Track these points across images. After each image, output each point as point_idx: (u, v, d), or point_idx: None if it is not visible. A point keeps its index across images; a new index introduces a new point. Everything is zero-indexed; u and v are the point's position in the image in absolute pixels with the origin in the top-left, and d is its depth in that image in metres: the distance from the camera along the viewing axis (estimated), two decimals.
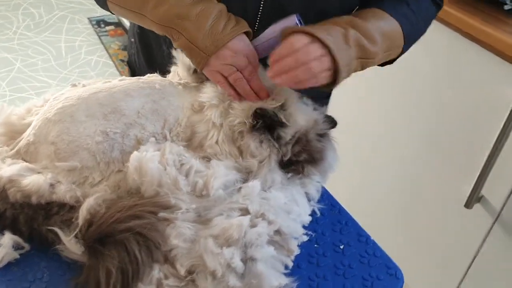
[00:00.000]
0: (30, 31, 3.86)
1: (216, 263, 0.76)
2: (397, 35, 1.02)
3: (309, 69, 0.87)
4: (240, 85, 0.95)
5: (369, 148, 2.14)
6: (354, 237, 0.96)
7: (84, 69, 3.47)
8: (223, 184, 0.87)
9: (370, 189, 2.20)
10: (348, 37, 0.91)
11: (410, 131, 1.87)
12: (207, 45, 0.91)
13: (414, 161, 1.89)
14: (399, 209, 2.04)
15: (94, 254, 0.79)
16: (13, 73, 3.37)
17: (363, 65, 0.96)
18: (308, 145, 0.95)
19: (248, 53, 0.95)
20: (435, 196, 1.83)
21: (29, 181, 0.86)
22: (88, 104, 0.92)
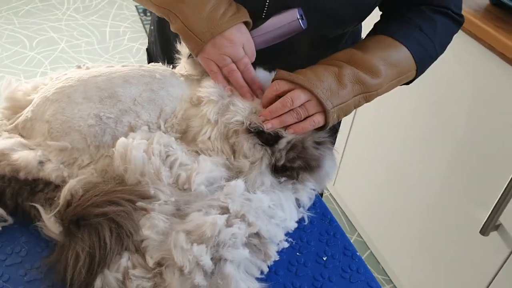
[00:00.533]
0: (79, 13, 3.97)
1: (185, 259, 0.75)
2: (406, 62, 0.99)
3: (296, 114, 0.90)
4: (233, 77, 0.93)
5: (387, 171, 2.09)
6: (340, 250, 0.92)
7: (125, 55, 3.54)
8: (206, 179, 0.85)
9: (385, 209, 2.15)
10: (342, 76, 0.92)
11: (429, 154, 1.81)
12: (203, 31, 0.89)
13: (432, 185, 1.82)
14: (414, 231, 1.98)
15: (67, 235, 0.79)
16: (57, 53, 3.47)
17: (367, 98, 0.96)
18: (303, 152, 0.93)
19: (245, 43, 0.93)
20: (451, 221, 1.76)
21: (19, 156, 0.87)
22: (87, 87, 0.93)
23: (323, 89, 0.91)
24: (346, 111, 0.95)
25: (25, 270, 0.81)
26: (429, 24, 1.01)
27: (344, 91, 0.92)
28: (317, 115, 0.92)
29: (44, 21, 3.81)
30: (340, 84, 0.92)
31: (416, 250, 1.99)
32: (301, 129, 0.92)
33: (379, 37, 1.01)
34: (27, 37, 3.59)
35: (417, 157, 1.89)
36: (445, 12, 1.03)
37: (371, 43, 1.00)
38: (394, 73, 0.98)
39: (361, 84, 0.94)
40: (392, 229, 2.14)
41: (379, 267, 2.31)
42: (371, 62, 0.94)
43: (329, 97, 0.91)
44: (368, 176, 2.26)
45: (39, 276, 0.80)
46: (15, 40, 3.54)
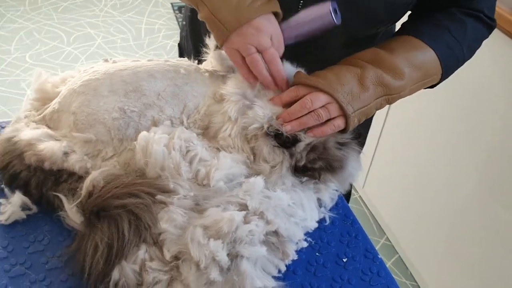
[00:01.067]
0: (116, 10, 4.04)
1: (201, 254, 0.75)
2: (432, 65, 0.97)
3: (317, 116, 0.88)
4: (256, 67, 0.90)
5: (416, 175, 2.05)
6: (361, 252, 0.91)
7: (159, 52, 3.58)
8: (225, 176, 0.85)
9: (414, 213, 2.11)
10: (364, 79, 0.90)
11: (458, 158, 1.76)
12: (230, 19, 0.86)
13: (460, 188, 1.78)
14: (442, 235, 1.93)
15: (87, 225, 0.81)
16: (93, 48, 3.54)
17: (389, 100, 0.95)
18: (325, 153, 0.91)
19: (273, 34, 0.89)
20: (480, 225, 1.71)
21: (44, 146, 0.89)
22: (113, 80, 0.94)
23: (344, 93, 0.89)
24: (367, 114, 0.93)
25: (47, 258, 0.83)
26: (459, 27, 0.98)
27: (366, 94, 0.90)
28: (337, 118, 0.91)
29: (81, 17, 3.89)
30: (362, 86, 0.90)
31: (444, 255, 1.94)
32: (321, 132, 0.90)
33: (406, 38, 0.98)
34: (65, 33, 3.68)
35: (446, 160, 1.85)
36: (477, 15, 0.99)
37: (397, 43, 0.97)
38: (418, 76, 0.95)
39: (384, 87, 0.92)
40: (420, 233, 2.10)
41: (407, 272, 2.27)
42: (396, 64, 0.92)
43: (350, 101, 0.89)
44: (397, 180, 2.22)
45: (59, 264, 0.82)
46: (54, 35, 3.63)
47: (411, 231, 2.18)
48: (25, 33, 3.62)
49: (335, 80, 0.90)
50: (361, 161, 0.99)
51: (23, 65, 3.29)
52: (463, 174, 1.76)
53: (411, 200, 2.13)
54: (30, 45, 3.50)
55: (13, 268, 0.80)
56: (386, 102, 0.94)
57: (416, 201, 2.09)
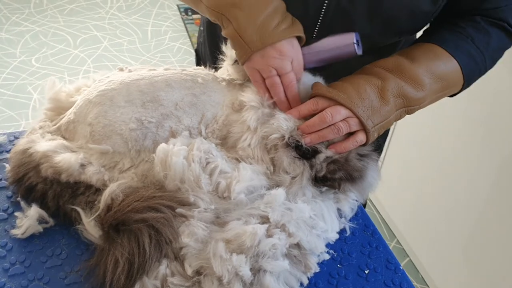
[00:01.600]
0: (121, 12, 4.03)
1: (224, 269, 0.74)
2: (454, 76, 0.95)
3: (337, 130, 0.88)
4: (275, 91, 0.91)
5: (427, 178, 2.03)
6: (383, 263, 0.89)
7: (166, 54, 3.57)
8: (246, 188, 0.84)
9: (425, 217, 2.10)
10: (385, 91, 0.89)
11: (470, 162, 1.75)
12: (254, 39, 0.87)
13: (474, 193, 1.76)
14: (455, 239, 1.92)
15: (107, 240, 0.79)
16: (100, 51, 3.53)
17: (408, 112, 0.94)
18: (345, 165, 0.90)
19: (295, 59, 0.90)
20: (494, 230, 1.69)
21: (61, 158, 0.87)
22: (129, 90, 0.92)
23: (364, 108, 0.88)
24: (387, 126, 0.92)
25: (65, 273, 0.81)
26: (483, 37, 0.96)
27: (386, 108, 0.89)
28: (358, 133, 0.90)
29: (87, 20, 3.88)
30: (382, 100, 0.89)
31: (456, 259, 1.93)
32: (343, 148, 0.90)
33: (429, 46, 0.96)
34: (71, 35, 3.67)
35: (457, 163, 1.83)
36: (502, 25, 0.97)
37: (420, 52, 0.95)
38: (439, 87, 0.94)
39: (404, 98, 0.90)
40: (431, 236, 2.09)
41: (418, 275, 2.25)
42: (417, 74, 0.91)
43: (370, 116, 0.88)
44: (407, 182, 2.21)
45: (78, 279, 0.81)
46: (60, 38, 3.62)
47: (422, 234, 2.17)
48: (30, 36, 3.61)
49: (355, 94, 0.88)
50: (379, 171, 0.98)
51: (30, 68, 3.28)
52: (475, 177, 1.74)
53: (422, 203, 2.12)
54: (36, 48, 3.49)
55: (31, 284, 0.79)
56: (405, 113, 0.93)
57: (427, 204, 2.07)
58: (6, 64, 3.31)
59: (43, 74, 3.24)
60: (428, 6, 0.93)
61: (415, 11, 0.93)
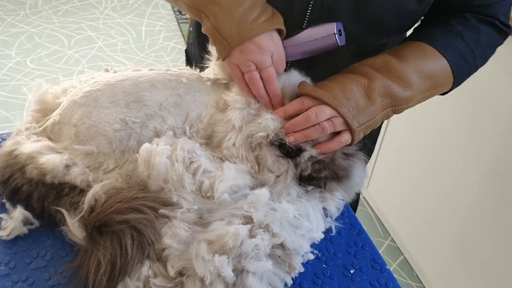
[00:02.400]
0: (116, 12, 4.03)
1: (206, 270, 0.73)
2: (443, 74, 0.95)
3: (321, 129, 0.87)
4: (254, 86, 0.90)
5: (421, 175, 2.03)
6: (368, 262, 0.89)
7: (160, 54, 3.57)
8: (229, 188, 0.84)
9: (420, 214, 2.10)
10: (371, 91, 0.88)
11: (465, 158, 1.75)
12: (232, 35, 0.85)
13: (468, 189, 1.76)
14: (449, 236, 1.92)
15: (90, 241, 0.79)
16: (94, 51, 3.53)
17: (396, 111, 0.93)
18: (331, 164, 0.90)
19: (275, 52, 0.89)
20: (489, 227, 1.69)
21: (46, 159, 0.87)
22: (114, 91, 0.92)
23: (349, 108, 0.87)
24: (373, 127, 0.92)
25: (49, 275, 0.81)
26: (473, 34, 0.96)
27: (372, 107, 0.89)
28: (343, 133, 0.89)
29: (82, 20, 3.88)
30: (368, 99, 0.88)
31: (451, 257, 1.93)
32: (328, 148, 0.89)
33: (418, 44, 0.96)
34: (66, 36, 3.67)
35: (451, 161, 1.83)
36: (492, 22, 0.96)
37: (409, 50, 0.95)
38: (427, 85, 0.93)
39: (391, 98, 0.90)
40: (426, 234, 2.09)
41: (413, 273, 2.25)
42: (405, 73, 0.90)
43: (355, 116, 0.88)
44: (401, 180, 2.21)
45: (62, 281, 0.80)
46: (55, 39, 3.62)
47: (416, 232, 2.17)
48: (25, 37, 3.61)
49: (341, 93, 0.88)
50: (366, 170, 0.97)
51: (24, 69, 3.28)
52: (469, 174, 1.74)
53: (416, 201, 2.11)
54: (31, 49, 3.49)
55: (15, 286, 0.79)
56: (392, 113, 0.92)
57: (421, 201, 2.07)
58: (1, 65, 3.31)
59: (38, 75, 3.24)
60: (414, 5, 0.93)
61: (401, 11, 0.93)
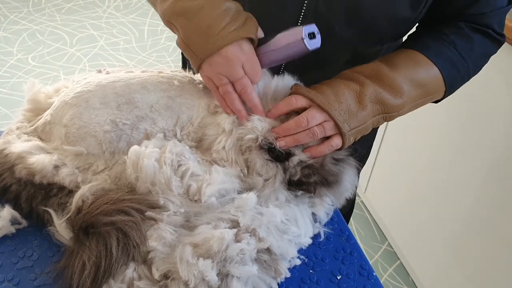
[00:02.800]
0: (119, 11, 4.03)
1: (190, 274, 0.73)
2: (435, 83, 0.94)
3: (312, 134, 0.87)
4: (228, 99, 0.89)
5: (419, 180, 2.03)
6: (356, 269, 0.89)
7: (161, 54, 3.57)
8: (217, 191, 0.83)
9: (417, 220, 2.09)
10: (362, 96, 0.88)
11: (463, 164, 1.74)
12: (200, 48, 0.83)
13: (466, 195, 1.75)
14: (446, 243, 1.91)
15: (76, 242, 0.79)
16: (96, 50, 3.53)
17: (386, 118, 0.93)
18: (321, 169, 0.90)
19: (246, 62, 0.86)
20: (486, 234, 1.69)
21: (35, 159, 0.88)
22: (105, 92, 0.92)
23: (341, 111, 0.87)
24: (363, 132, 0.92)
25: (35, 275, 0.81)
26: (465, 43, 0.95)
27: (363, 113, 0.88)
28: (334, 137, 0.89)
29: (85, 19, 3.89)
30: (360, 105, 0.88)
31: (447, 263, 1.92)
32: (318, 152, 0.89)
33: (410, 53, 0.95)
34: (68, 34, 3.67)
35: (449, 167, 1.83)
36: (485, 31, 0.96)
37: (400, 59, 0.94)
38: (418, 94, 0.93)
39: (382, 105, 0.90)
40: (423, 240, 2.08)
41: (408, 279, 2.25)
42: (396, 82, 0.90)
43: (346, 120, 0.87)
44: (399, 185, 2.20)
45: (48, 281, 0.80)
46: (57, 37, 3.63)
47: (413, 237, 2.16)
48: (28, 35, 3.62)
49: (333, 96, 0.88)
50: (357, 176, 0.97)
51: (26, 67, 3.28)
52: (466, 181, 1.74)
53: (413, 206, 2.11)
54: (33, 46, 3.50)
55: (1, 285, 0.79)
56: (383, 120, 0.92)
57: (418, 206, 2.06)
58: (3, 62, 3.32)
59: (39, 73, 3.24)
60: (408, 13, 0.92)
61: (394, 17, 0.93)
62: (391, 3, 0.90)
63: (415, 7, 0.92)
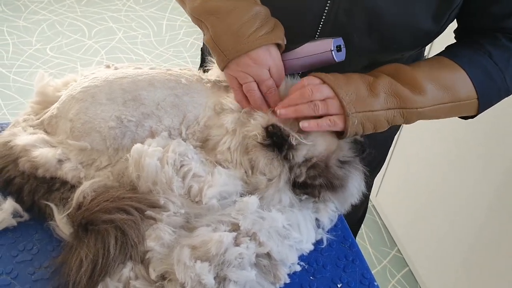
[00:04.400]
0: (138, 4, 4.04)
1: (187, 276, 0.72)
2: (463, 88, 0.89)
3: (314, 106, 0.84)
4: (251, 97, 0.89)
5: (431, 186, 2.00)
6: (357, 277, 0.87)
7: (179, 49, 3.57)
8: (218, 193, 0.82)
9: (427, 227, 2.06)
10: (375, 86, 0.86)
11: (476, 173, 1.71)
12: (229, 48, 0.85)
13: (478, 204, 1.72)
14: (456, 252, 1.88)
15: (75, 239, 0.79)
16: (113, 43, 3.55)
17: (404, 115, 0.88)
18: (326, 171, 0.88)
19: (273, 66, 0.88)
20: (497, 245, 1.66)
21: (39, 153, 0.87)
22: (112, 88, 0.92)
23: (348, 91, 0.85)
24: (374, 122, 0.86)
25: (34, 269, 0.81)
26: (502, 53, 0.90)
27: (374, 99, 0.85)
28: (336, 116, 0.86)
29: (104, 11, 3.91)
30: (371, 92, 0.85)
31: (456, 272, 1.89)
32: (315, 125, 0.85)
33: (437, 58, 0.92)
34: (87, 26, 3.69)
35: (464, 174, 1.79)
36: None
37: (425, 62, 0.92)
38: (444, 96, 0.88)
39: (398, 98, 0.86)
40: (433, 248, 2.05)
41: (416, 286, 2.22)
42: (415, 78, 0.86)
43: (352, 101, 0.84)
44: (412, 190, 2.17)
45: (46, 276, 0.80)
46: (76, 28, 3.65)
47: (423, 244, 2.13)
48: (47, 25, 3.65)
49: (343, 79, 0.86)
50: (363, 181, 0.95)
51: (44, 57, 3.31)
52: (480, 189, 1.71)
53: (425, 213, 2.08)
54: (52, 37, 3.52)
55: None
56: (400, 116, 0.87)
57: (430, 213, 2.04)
58: (22, 51, 3.35)
59: (56, 63, 3.27)
60: (430, 25, 0.89)
61: (416, 30, 0.90)
62: (412, 15, 0.88)
63: (437, 20, 0.89)
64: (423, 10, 0.87)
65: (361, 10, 0.88)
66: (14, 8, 3.81)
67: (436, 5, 0.87)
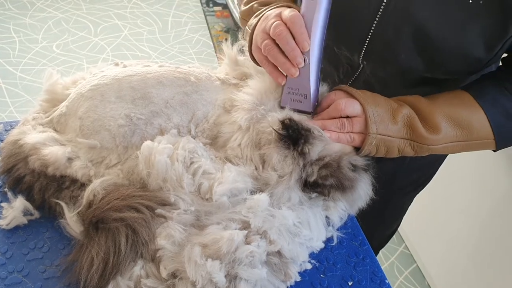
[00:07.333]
0: (144, 1, 4.04)
1: (197, 274, 0.72)
2: (479, 128, 0.89)
3: (341, 125, 0.88)
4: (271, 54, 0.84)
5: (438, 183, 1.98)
6: (368, 275, 0.87)
7: (184, 46, 3.57)
8: (228, 190, 0.82)
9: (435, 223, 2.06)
10: (397, 113, 0.87)
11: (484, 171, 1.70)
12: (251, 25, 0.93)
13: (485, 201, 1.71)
14: (464, 248, 1.87)
15: (86, 237, 0.79)
16: (119, 40, 3.54)
17: (415, 149, 0.89)
18: (337, 172, 0.87)
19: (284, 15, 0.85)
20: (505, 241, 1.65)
21: (49, 151, 0.87)
22: (121, 86, 0.92)
23: (375, 112, 0.86)
24: (388, 147, 0.88)
25: (45, 267, 0.81)
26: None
27: (393, 127, 0.87)
28: (357, 134, 0.88)
29: (110, 8, 3.90)
30: (393, 118, 0.87)
31: (464, 268, 1.88)
32: (336, 137, 0.88)
33: (459, 93, 0.91)
34: (93, 23, 3.69)
35: (468, 170, 1.79)
36: None
37: (446, 96, 0.91)
38: (458, 134, 0.88)
39: (412, 131, 0.87)
40: (440, 244, 2.05)
41: (424, 282, 2.22)
42: (432, 115, 0.87)
43: (377, 122, 0.86)
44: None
45: (57, 274, 0.80)
46: (81, 26, 3.65)
47: (431, 241, 2.13)
48: (53, 23, 3.65)
49: (372, 99, 0.88)
50: (371, 186, 0.94)
51: (50, 54, 3.31)
52: (485, 184, 1.70)
53: (432, 209, 2.07)
54: (58, 34, 3.52)
55: (10, 276, 0.79)
56: (410, 148, 0.89)
57: (437, 210, 2.03)
58: (28, 49, 3.35)
59: (62, 61, 3.27)
60: (481, 53, 0.86)
61: (467, 56, 0.87)
62: (462, 41, 0.85)
63: (490, 48, 0.85)
64: (476, 36, 0.84)
65: (409, 28, 0.87)
66: (20, 6, 3.81)
67: (489, 33, 0.83)
